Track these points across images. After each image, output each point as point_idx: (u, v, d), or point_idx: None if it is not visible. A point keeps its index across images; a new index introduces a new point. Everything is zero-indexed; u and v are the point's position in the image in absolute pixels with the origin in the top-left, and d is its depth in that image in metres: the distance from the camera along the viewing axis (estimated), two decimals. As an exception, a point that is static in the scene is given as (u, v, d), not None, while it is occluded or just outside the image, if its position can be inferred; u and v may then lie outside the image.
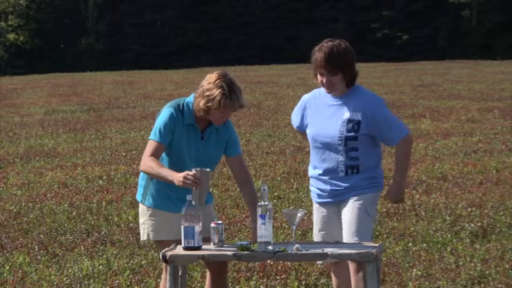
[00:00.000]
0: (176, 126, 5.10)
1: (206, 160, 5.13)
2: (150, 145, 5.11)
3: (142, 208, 5.29)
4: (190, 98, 5.18)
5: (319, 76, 5.07)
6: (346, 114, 5.06)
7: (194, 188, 4.83)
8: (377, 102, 5.11)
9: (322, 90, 5.22)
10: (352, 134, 5.05)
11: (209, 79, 5.05)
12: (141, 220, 5.29)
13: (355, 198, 5.10)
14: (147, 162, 5.06)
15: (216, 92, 4.99)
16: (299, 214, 4.75)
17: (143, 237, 5.29)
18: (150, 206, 5.21)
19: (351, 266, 5.11)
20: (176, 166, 5.09)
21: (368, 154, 5.08)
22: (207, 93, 5.01)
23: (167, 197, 5.13)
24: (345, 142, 5.05)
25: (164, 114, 5.14)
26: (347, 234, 5.08)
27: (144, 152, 5.14)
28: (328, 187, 5.18)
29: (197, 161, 5.09)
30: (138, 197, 5.30)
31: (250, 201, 5.22)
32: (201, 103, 5.04)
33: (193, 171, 4.84)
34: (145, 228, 5.25)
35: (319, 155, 5.17)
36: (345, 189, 5.12)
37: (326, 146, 5.12)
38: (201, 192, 4.87)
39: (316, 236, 5.30)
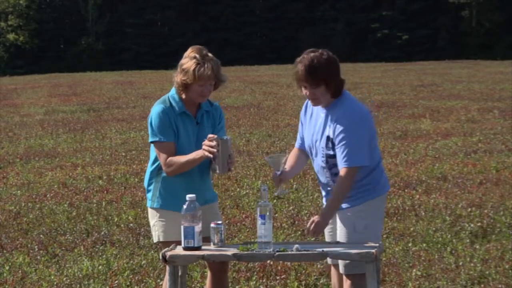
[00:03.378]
0: (170, 118, 5.09)
1: None
2: (160, 149, 5.07)
3: (151, 212, 5.25)
4: (172, 91, 5.19)
5: (303, 89, 4.92)
6: (327, 131, 4.92)
7: (212, 156, 4.87)
8: (349, 119, 4.85)
9: None
10: (330, 152, 4.92)
11: (185, 54, 5.09)
12: (152, 222, 5.26)
13: (344, 212, 4.97)
14: (167, 163, 5.04)
15: (190, 63, 5.01)
16: (282, 160, 4.89)
17: (155, 239, 5.25)
18: (160, 207, 5.16)
19: (334, 275, 5.07)
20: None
21: None
22: (183, 67, 5.04)
23: (176, 196, 5.10)
24: (327, 160, 4.95)
25: (156, 112, 5.10)
26: None
27: (160, 160, 5.08)
28: (325, 195, 5.14)
29: (197, 147, 5.07)
30: (148, 203, 5.25)
31: None
32: (178, 78, 5.06)
33: (210, 142, 4.88)
34: (155, 230, 5.22)
35: (314, 166, 5.10)
36: None
37: (316, 160, 5.06)
38: (222, 161, 4.90)
39: (325, 235, 5.29)
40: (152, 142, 5.12)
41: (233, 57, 55.97)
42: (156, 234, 5.21)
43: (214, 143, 4.85)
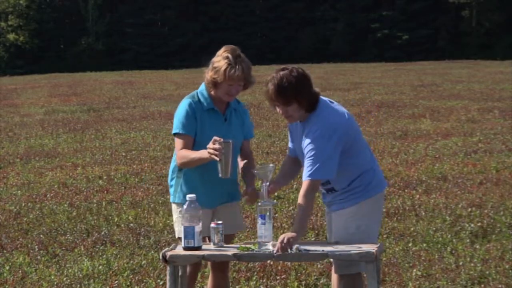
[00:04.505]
0: (197, 113, 5.13)
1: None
2: (178, 141, 5.14)
3: (173, 207, 5.29)
4: (201, 87, 5.23)
5: (276, 108, 4.93)
6: (302, 144, 4.92)
7: (218, 159, 4.86)
8: (314, 132, 4.84)
9: None
10: None
11: (218, 53, 5.14)
12: (174, 218, 5.32)
13: (336, 213, 5.00)
14: (179, 155, 5.10)
15: (222, 62, 5.06)
16: (269, 172, 4.85)
17: (176, 234, 5.30)
18: (181, 202, 5.18)
19: (334, 276, 5.08)
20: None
21: (336, 175, 4.89)
22: (214, 65, 5.09)
23: (196, 191, 5.11)
24: None
25: (182, 105, 5.17)
26: None
27: (175, 151, 5.16)
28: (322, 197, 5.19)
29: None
30: (171, 198, 5.30)
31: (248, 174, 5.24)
32: (209, 75, 5.11)
33: (214, 145, 4.86)
34: (177, 226, 5.26)
35: None
36: (329, 201, 5.08)
37: None
38: (225, 164, 4.89)
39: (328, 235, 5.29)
40: (173, 134, 5.18)
41: (233, 57, 55.92)
42: (177, 230, 5.25)
43: (217, 145, 4.86)
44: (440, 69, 39.99)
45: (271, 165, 4.92)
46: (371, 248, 4.70)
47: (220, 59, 5.07)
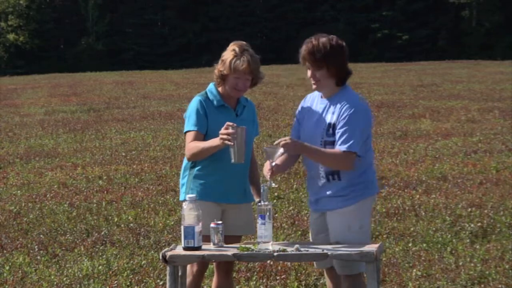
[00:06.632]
0: (207, 109, 5.15)
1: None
2: (188, 137, 5.16)
3: (183, 206, 5.28)
4: (210, 86, 5.28)
5: (308, 71, 4.95)
6: (328, 118, 4.89)
7: (231, 144, 4.87)
8: (356, 107, 4.85)
9: (315, 94, 5.08)
10: (330, 138, 4.86)
11: (227, 48, 5.20)
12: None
13: (338, 212, 4.91)
14: (188, 147, 5.13)
15: (229, 54, 5.14)
16: (279, 152, 4.82)
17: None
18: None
19: (329, 276, 5.07)
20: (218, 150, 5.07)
21: None
22: (222, 58, 5.16)
23: (204, 187, 5.14)
24: (324, 147, 4.87)
25: (192, 103, 5.20)
26: None
27: (185, 145, 5.19)
28: (312, 195, 5.04)
29: None
30: (181, 197, 5.28)
31: (252, 180, 5.32)
32: (217, 69, 5.18)
33: (227, 130, 4.88)
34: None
35: (306, 161, 5.03)
36: (326, 197, 4.95)
37: None
38: (238, 149, 4.90)
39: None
40: (184, 132, 5.20)
41: (233, 57, 55.79)
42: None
43: (231, 130, 4.88)
44: (440, 69, 39.97)
45: (281, 149, 4.86)
46: (371, 248, 4.70)
47: (228, 52, 5.15)
